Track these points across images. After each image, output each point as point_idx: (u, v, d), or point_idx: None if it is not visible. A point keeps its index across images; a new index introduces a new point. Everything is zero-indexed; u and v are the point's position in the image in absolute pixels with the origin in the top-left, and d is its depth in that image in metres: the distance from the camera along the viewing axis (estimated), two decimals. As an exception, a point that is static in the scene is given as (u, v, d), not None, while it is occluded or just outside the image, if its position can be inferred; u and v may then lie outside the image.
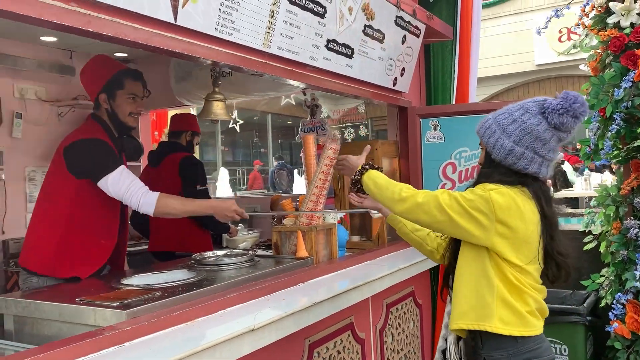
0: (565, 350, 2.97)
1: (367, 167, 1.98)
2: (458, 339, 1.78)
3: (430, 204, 1.70)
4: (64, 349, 1.28)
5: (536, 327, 1.69)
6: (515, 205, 1.64)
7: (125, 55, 4.16)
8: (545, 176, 1.73)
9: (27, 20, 1.26)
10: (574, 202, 7.80)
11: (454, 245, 1.84)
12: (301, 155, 2.87)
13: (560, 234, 1.75)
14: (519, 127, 1.69)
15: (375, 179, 1.91)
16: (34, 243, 2.22)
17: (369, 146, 2.30)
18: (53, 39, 3.65)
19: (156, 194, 2.14)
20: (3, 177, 3.64)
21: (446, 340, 1.87)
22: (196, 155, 3.62)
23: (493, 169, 1.73)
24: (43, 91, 3.87)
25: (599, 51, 2.81)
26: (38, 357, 1.23)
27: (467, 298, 1.71)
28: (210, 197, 3.36)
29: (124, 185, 2.13)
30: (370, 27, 2.53)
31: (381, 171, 1.98)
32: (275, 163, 13.12)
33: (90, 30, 1.35)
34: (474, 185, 1.76)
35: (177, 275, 2.02)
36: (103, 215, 2.26)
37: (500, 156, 1.70)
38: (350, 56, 2.46)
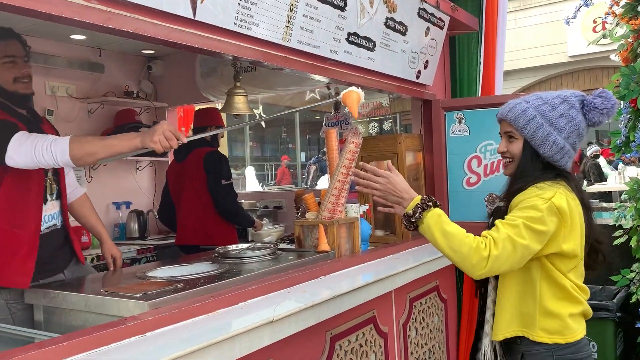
0: (594, 347, 2.91)
1: (428, 203, 1.63)
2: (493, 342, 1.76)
3: (508, 249, 1.54)
4: (88, 337, 1.32)
5: (578, 331, 1.67)
6: (571, 204, 1.61)
7: (153, 52, 4.23)
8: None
9: (50, 19, 1.29)
10: (607, 196, 7.61)
11: None
12: (325, 149, 2.87)
13: (595, 222, 1.75)
14: (569, 122, 1.64)
15: (442, 231, 1.59)
16: None
17: (389, 161, 1.98)
18: (82, 37, 3.74)
19: (67, 137, 1.83)
20: (36, 173, 3.74)
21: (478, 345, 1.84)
22: (224, 150, 3.67)
23: (536, 164, 1.67)
24: (73, 88, 3.97)
25: (629, 40, 2.73)
26: (63, 345, 1.27)
27: (510, 307, 1.68)
28: (235, 192, 3.40)
29: (29, 145, 1.81)
30: (392, 19, 2.51)
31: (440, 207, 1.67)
32: (310, 158, 13.17)
33: (110, 26, 1.38)
34: (517, 185, 1.68)
35: (200, 268, 2.05)
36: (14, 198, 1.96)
37: (551, 152, 1.64)
38: (372, 49, 2.45)
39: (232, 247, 2.44)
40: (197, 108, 4.06)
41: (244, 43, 1.80)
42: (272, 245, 2.43)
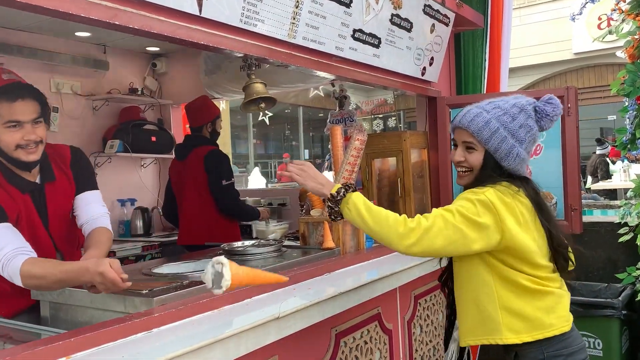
0: (599, 345, 2.90)
1: (347, 187, 1.68)
2: (461, 349, 1.78)
3: (438, 224, 1.56)
4: (94, 333, 1.32)
5: (558, 324, 1.63)
6: (508, 201, 1.60)
7: (157, 49, 4.24)
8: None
9: (57, 15, 1.29)
10: (612, 193, 7.58)
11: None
12: (329, 147, 2.87)
13: (558, 226, 1.72)
14: (527, 132, 1.65)
15: (366, 206, 1.62)
16: None
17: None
18: (87, 34, 3.74)
19: (21, 261, 1.62)
20: (41, 170, 3.75)
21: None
22: (228, 148, 3.66)
23: (495, 173, 1.66)
24: (78, 85, 3.97)
25: (636, 37, 2.72)
26: (69, 341, 1.27)
27: (470, 313, 1.67)
28: (236, 191, 3.40)
29: None
30: (397, 16, 2.51)
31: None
32: (312, 156, 13.16)
33: (116, 23, 1.38)
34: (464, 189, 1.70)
35: (205, 265, 2.05)
36: None
37: (514, 164, 1.64)
38: (377, 46, 2.44)
39: (238, 244, 2.44)
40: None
41: (249, 40, 1.80)
42: (276, 242, 2.43)
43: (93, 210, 1.97)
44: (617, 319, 2.86)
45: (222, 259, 1.45)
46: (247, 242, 2.47)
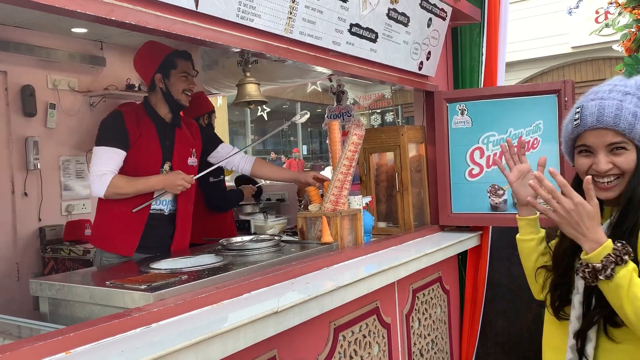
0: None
1: (624, 257, 1.24)
2: None
3: None
4: (94, 329, 1.33)
5: None
6: None
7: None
8: None
9: (52, 10, 1.29)
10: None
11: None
12: (327, 142, 2.87)
13: None
14: None
15: (633, 289, 1.22)
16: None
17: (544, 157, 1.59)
18: (84, 30, 3.74)
19: (109, 179, 2.26)
20: (39, 166, 3.76)
21: None
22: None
23: None
24: (75, 82, 3.97)
25: (632, 30, 2.72)
26: (69, 336, 1.28)
27: None
28: (225, 188, 3.42)
29: (93, 163, 2.30)
30: (394, 10, 2.50)
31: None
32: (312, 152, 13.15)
33: (113, 19, 1.38)
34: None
35: (204, 260, 2.06)
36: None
37: None
38: (374, 40, 2.44)
39: (236, 239, 2.45)
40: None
41: (246, 35, 1.80)
42: (275, 238, 2.43)
43: None
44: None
45: None
46: (246, 237, 2.48)
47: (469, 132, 3.00)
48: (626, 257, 1.25)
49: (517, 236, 1.63)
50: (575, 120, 1.43)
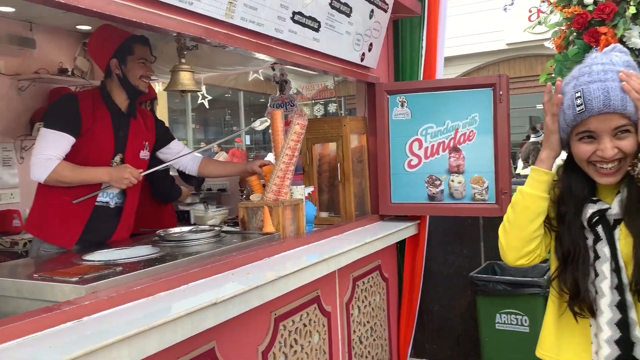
0: (526, 321, 3.06)
1: None
2: None
3: None
4: (19, 324, 1.26)
5: None
6: None
7: (89, 27, 4.03)
8: None
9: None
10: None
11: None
12: (270, 131, 2.85)
13: None
14: None
15: None
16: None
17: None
18: (11, 9, 3.51)
19: (54, 165, 2.16)
20: (-39, 153, 3.52)
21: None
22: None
23: None
24: (2, 64, 3.73)
25: (563, 28, 2.85)
26: (-8, 333, 1.21)
27: None
28: (173, 179, 3.35)
29: (38, 145, 2.19)
30: (337, 0, 2.50)
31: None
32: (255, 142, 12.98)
33: (40, -4, 1.30)
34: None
35: (139, 251, 2.00)
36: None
37: None
38: (316, 30, 2.44)
39: (174, 229, 2.40)
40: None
41: (185, 19, 1.74)
42: (215, 228, 2.39)
43: None
44: (542, 296, 3.02)
45: None
46: (185, 228, 2.42)
47: (409, 124, 3.06)
48: None
49: (531, 191, 1.45)
50: (578, 106, 1.33)
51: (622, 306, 1.34)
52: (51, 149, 2.18)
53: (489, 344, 3.21)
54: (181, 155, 2.71)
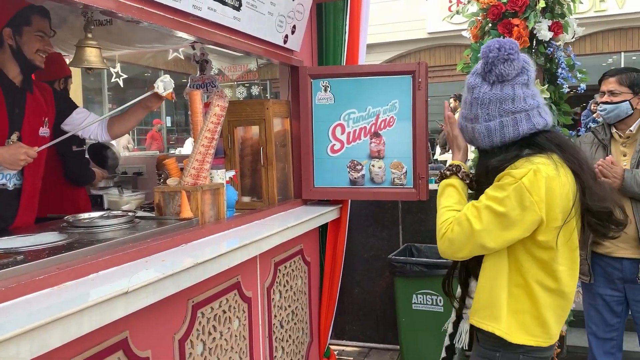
0: (440, 301, 3.19)
1: (446, 172, 1.75)
2: (471, 328, 1.73)
3: (462, 234, 1.57)
4: None
5: (539, 336, 1.61)
6: (552, 181, 1.51)
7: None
8: (547, 124, 1.59)
9: None
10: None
11: None
12: (189, 113, 2.75)
13: (591, 181, 1.59)
14: (477, 105, 1.59)
15: (447, 191, 1.72)
16: None
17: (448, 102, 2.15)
18: None
19: None
20: None
21: (454, 326, 1.84)
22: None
23: (489, 157, 1.61)
24: None
25: (479, 18, 2.95)
26: None
27: (482, 294, 1.64)
28: (88, 160, 3.16)
29: None
30: (259, -21, 2.44)
31: (470, 179, 1.74)
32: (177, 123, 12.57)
33: None
34: (482, 180, 1.64)
35: (45, 238, 1.86)
36: None
37: (485, 142, 1.61)
38: (237, 8, 2.36)
39: (84, 215, 2.26)
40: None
41: (93, -10, 1.63)
42: (129, 214, 2.28)
43: None
44: (455, 277, 3.17)
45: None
46: (95, 214, 2.30)
47: (332, 109, 3.06)
48: (447, 173, 1.73)
49: (458, 182, 1.73)
50: None
51: None
52: None
53: (406, 323, 3.32)
54: (88, 124, 2.53)
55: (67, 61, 3.68)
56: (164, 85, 2.33)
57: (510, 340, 1.59)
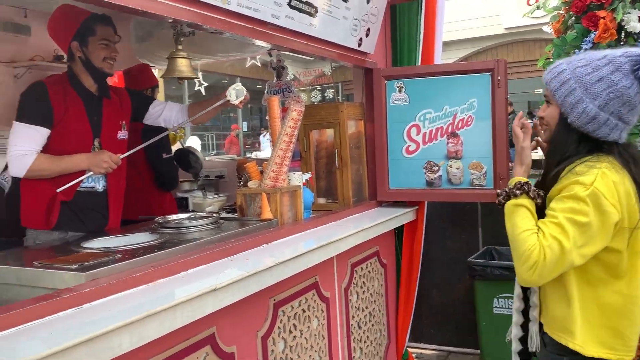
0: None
1: (515, 191, 1.59)
2: (540, 327, 1.67)
3: (554, 257, 1.45)
4: (19, 311, 1.26)
5: (618, 349, 1.54)
6: (619, 186, 1.47)
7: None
8: (623, 141, 1.54)
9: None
10: (538, 163, 7.95)
11: None
12: (267, 118, 2.84)
13: None
14: (607, 88, 1.46)
15: (520, 212, 1.55)
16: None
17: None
18: (4, -5, 3.48)
19: (31, 160, 2.13)
20: (-42, 141, 3.50)
21: (522, 328, 1.75)
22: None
23: (567, 135, 1.54)
24: (-4, 51, 3.70)
25: (561, 12, 2.83)
26: (-7, 320, 1.21)
27: (551, 303, 1.59)
28: (177, 166, 3.34)
29: (12, 142, 2.15)
30: (334, -15, 2.48)
31: (540, 199, 1.58)
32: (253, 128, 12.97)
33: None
34: (552, 162, 1.57)
35: (138, 238, 2.00)
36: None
37: (580, 122, 1.50)
38: (313, 15, 2.42)
39: (173, 216, 2.40)
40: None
41: (180, 4, 1.73)
42: (213, 215, 2.40)
43: None
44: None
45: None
46: (183, 215, 2.43)
47: (406, 110, 3.05)
48: (517, 192, 1.57)
49: (529, 202, 1.59)
50: None
51: None
52: (25, 143, 2.14)
53: (487, 328, 3.24)
54: (176, 126, 2.71)
55: (155, 72, 3.91)
56: (236, 93, 2.41)
57: (585, 354, 1.53)
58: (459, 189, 2.95)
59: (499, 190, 1.65)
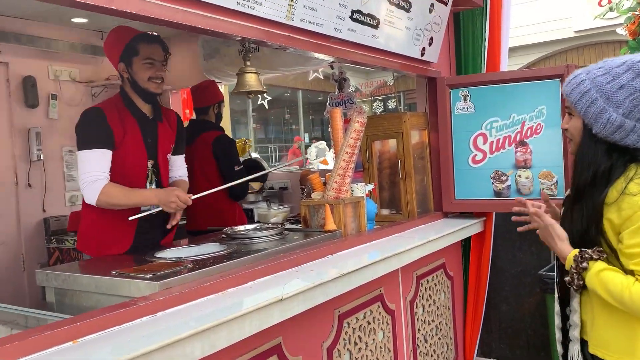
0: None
1: (583, 265, 1.48)
2: (582, 345, 1.60)
3: None
4: (100, 318, 1.34)
5: None
6: None
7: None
8: None
9: (54, 1, 1.28)
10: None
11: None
12: (329, 130, 2.86)
13: None
14: (630, 95, 1.42)
15: (605, 280, 1.44)
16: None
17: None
18: (84, 20, 3.72)
19: (102, 185, 2.10)
20: (42, 157, 3.76)
21: (563, 346, 1.69)
22: (228, 133, 3.65)
23: (595, 146, 1.49)
24: (76, 72, 3.96)
25: (637, 13, 2.69)
26: (76, 326, 1.29)
27: (600, 321, 1.53)
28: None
29: (82, 170, 2.12)
30: (396, -4, 2.48)
31: (604, 254, 1.49)
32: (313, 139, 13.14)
33: (113, 8, 1.37)
34: (583, 174, 1.50)
35: (208, 249, 2.07)
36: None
37: (606, 132, 1.45)
38: (375, 27, 2.43)
39: (240, 227, 2.46)
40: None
41: (247, 23, 1.79)
42: (279, 226, 2.44)
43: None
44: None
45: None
46: (250, 226, 2.48)
47: (472, 118, 2.99)
48: (584, 265, 1.47)
49: (602, 263, 1.50)
50: None
51: None
52: (94, 169, 2.11)
53: (561, 344, 3.09)
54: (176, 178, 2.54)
55: (221, 88, 4.04)
56: (316, 152, 2.43)
57: None
58: (528, 200, 2.84)
59: (567, 278, 1.53)
